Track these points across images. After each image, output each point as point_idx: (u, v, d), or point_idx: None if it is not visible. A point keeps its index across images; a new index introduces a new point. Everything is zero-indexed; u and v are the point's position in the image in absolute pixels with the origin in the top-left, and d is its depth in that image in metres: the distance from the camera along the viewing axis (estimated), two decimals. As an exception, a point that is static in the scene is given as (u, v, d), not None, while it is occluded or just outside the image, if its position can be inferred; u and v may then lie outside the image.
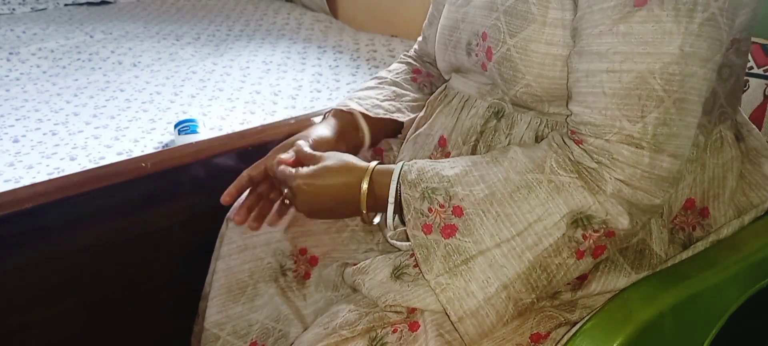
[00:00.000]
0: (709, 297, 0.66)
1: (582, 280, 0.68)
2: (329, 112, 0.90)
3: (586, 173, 0.61)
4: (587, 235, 0.61)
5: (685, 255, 0.70)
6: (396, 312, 0.67)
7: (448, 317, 0.63)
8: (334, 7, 2.57)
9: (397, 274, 0.68)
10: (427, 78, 0.97)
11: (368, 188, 0.69)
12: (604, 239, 0.62)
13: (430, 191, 0.65)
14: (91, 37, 2.15)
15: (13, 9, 2.48)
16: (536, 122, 0.71)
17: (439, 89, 0.85)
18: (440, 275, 0.62)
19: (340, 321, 0.67)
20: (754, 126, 0.79)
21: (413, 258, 0.68)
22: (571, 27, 0.65)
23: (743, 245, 0.70)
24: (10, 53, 1.93)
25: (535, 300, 0.63)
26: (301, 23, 2.36)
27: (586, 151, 0.62)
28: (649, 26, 0.58)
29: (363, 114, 0.88)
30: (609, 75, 0.60)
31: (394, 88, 0.93)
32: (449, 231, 0.63)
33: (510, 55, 0.68)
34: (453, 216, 0.63)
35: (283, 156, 0.75)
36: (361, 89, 0.93)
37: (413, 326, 0.65)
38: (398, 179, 0.68)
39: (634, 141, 0.59)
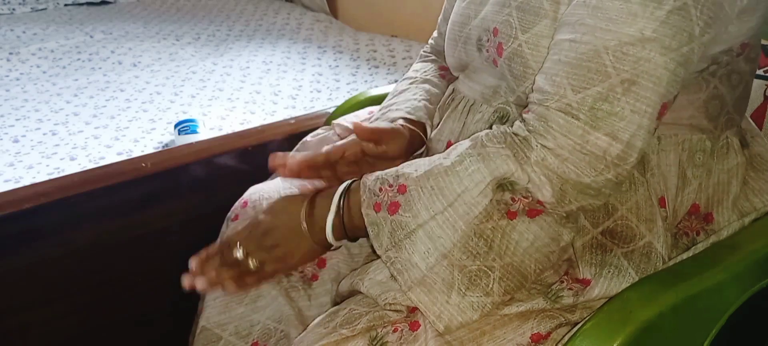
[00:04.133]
0: (709, 297, 0.66)
1: (584, 284, 0.67)
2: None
3: (516, 143, 0.62)
4: (516, 198, 0.62)
5: (685, 255, 0.70)
6: (396, 311, 0.67)
7: (401, 287, 0.65)
8: (334, 7, 2.57)
9: (398, 273, 0.68)
10: (452, 74, 0.97)
11: (308, 207, 0.71)
12: (536, 204, 0.62)
13: (383, 175, 0.68)
14: (91, 37, 2.15)
15: (13, 9, 2.48)
16: None
17: (446, 93, 0.85)
18: (388, 250, 0.65)
19: (340, 320, 0.67)
20: (758, 131, 0.79)
21: None
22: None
23: (743, 245, 0.70)
24: (10, 53, 1.93)
25: (487, 269, 0.62)
26: (301, 23, 2.36)
27: (525, 120, 0.63)
28: (616, 3, 0.58)
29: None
30: (570, 44, 0.61)
31: (426, 86, 0.92)
32: (394, 208, 0.65)
33: (521, 50, 0.68)
34: (398, 194, 0.66)
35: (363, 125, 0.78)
36: (396, 95, 0.91)
37: (414, 326, 0.65)
38: (346, 186, 0.70)
39: (571, 110, 0.59)
